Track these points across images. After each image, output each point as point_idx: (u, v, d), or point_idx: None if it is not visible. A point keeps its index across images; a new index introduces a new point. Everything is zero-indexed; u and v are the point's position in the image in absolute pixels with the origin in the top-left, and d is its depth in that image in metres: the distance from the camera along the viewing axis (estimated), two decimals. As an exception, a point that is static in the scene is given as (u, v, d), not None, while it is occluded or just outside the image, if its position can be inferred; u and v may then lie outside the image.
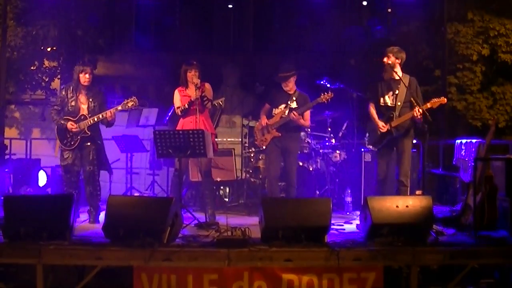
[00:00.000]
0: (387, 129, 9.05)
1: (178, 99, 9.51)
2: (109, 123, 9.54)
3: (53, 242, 7.23)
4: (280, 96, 10.01)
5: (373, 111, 9.32)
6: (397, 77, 9.10)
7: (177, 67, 9.59)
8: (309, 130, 11.30)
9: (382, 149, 9.26)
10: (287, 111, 9.81)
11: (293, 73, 9.90)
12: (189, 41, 16.73)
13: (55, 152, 10.10)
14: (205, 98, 9.24)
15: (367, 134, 9.61)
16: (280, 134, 9.86)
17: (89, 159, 9.42)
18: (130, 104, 9.40)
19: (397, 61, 9.10)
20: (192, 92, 9.26)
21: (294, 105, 9.83)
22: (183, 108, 9.34)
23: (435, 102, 8.87)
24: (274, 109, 10.02)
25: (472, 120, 14.33)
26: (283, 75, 9.89)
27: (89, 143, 9.42)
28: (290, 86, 9.93)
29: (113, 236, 7.32)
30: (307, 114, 9.98)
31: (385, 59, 9.13)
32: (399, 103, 9.10)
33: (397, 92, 9.12)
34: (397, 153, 9.19)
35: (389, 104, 9.17)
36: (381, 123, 9.12)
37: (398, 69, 9.13)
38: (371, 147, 9.62)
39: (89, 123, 9.31)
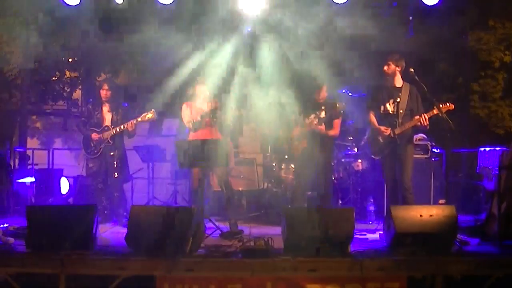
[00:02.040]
0: (391, 136, 9.03)
1: (187, 114, 9.56)
2: (130, 134, 10.09)
3: (76, 252, 7.24)
4: (312, 105, 9.98)
5: (373, 118, 9.34)
6: (398, 85, 9.14)
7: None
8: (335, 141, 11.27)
9: (386, 158, 9.25)
10: (316, 121, 9.77)
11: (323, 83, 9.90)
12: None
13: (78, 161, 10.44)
14: (217, 111, 9.30)
15: (369, 144, 9.53)
16: (306, 145, 9.84)
17: (114, 167, 9.98)
18: (149, 116, 9.86)
19: (397, 69, 9.09)
20: (202, 105, 9.31)
21: (323, 114, 9.78)
22: (195, 121, 9.36)
23: (441, 108, 8.80)
24: (306, 119, 9.97)
25: (495, 128, 14.22)
26: (316, 84, 9.90)
27: (112, 153, 9.98)
28: (323, 95, 9.91)
29: (136, 246, 7.32)
30: (336, 122, 9.90)
31: (385, 68, 9.13)
32: (401, 111, 9.11)
33: (398, 99, 9.14)
34: (399, 161, 9.17)
35: (390, 112, 9.17)
36: (383, 127, 9.12)
37: (398, 77, 9.17)
38: (373, 156, 9.52)
39: (112, 133, 9.95)
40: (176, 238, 7.19)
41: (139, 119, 9.83)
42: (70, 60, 15.02)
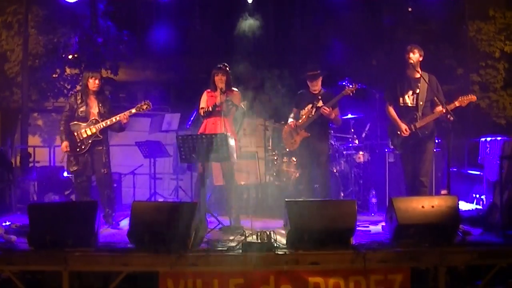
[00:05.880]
0: (412, 131, 8.92)
1: (204, 100, 9.54)
2: (121, 128, 9.57)
3: (79, 249, 7.26)
4: (306, 97, 9.89)
5: (393, 112, 9.14)
6: (417, 75, 8.96)
7: (198, 71, 9.61)
8: (331, 131, 11.23)
9: (407, 153, 9.12)
10: (314, 111, 9.71)
11: (320, 72, 9.81)
12: (209, 44, 16.72)
13: (61, 158, 9.97)
14: (230, 103, 9.24)
15: (389, 137, 9.42)
16: (309, 134, 9.73)
17: (103, 162, 9.45)
18: (144, 107, 9.45)
19: (420, 58, 8.96)
20: (217, 96, 9.26)
21: (320, 104, 9.67)
22: (206, 109, 9.35)
23: (464, 100, 8.72)
24: (301, 111, 9.92)
25: (496, 118, 14.19)
26: (312, 74, 9.77)
27: (100, 147, 9.44)
28: (319, 85, 9.84)
29: (138, 242, 7.32)
30: (336, 111, 9.78)
31: (410, 55, 8.93)
32: (421, 103, 8.93)
33: (418, 91, 8.94)
34: (419, 153, 9.05)
35: (409, 104, 9.00)
36: (404, 126, 8.95)
37: (418, 67, 8.98)
38: (396, 151, 9.41)
39: (102, 126, 9.36)
40: (179, 233, 7.19)
41: (133, 110, 9.37)
42: (70, 57, 15.01)
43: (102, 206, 9.47)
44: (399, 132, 9.02)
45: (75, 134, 9.36)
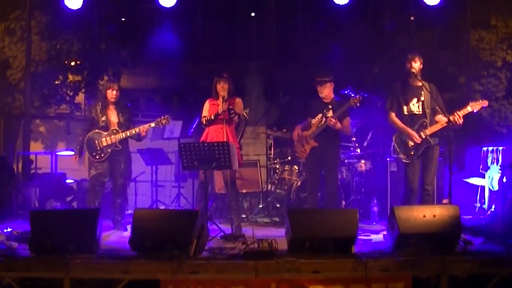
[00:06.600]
0: (423, 138, 8.89)
1: (206, 109, 9.59)
2: (140, 138, 9.83)
3: (80, 255, 7.23)
4: (317, 105, 9.90)
5: (398, 121, 9.11)
6: (419, 83, 8.96)
7: (200, 78, 9.63)
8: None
9: (415, 161, 9.04)
10: (323, 120, 9.70)
11: (330, 78, 9.81)
12: (211, 51, 16.72)
13: (83, 163, 10.14)
14: (232, 111, 9.25)
15: (395, 146, 9.28)
16: (317, 144, 9.73)
17: (121, 172, 9.74)
18: (163, 122, 9.68)
19: (421, 66, 8.97)
20: (220, 103, 9.29)
21: (330, 113, 9.65)
22: (208, 118, 9.38)
23: (475, 105, 8.69)
24: (312, 120, 9.92)
25: (497, 127, 14.19)
26: (320, 79, 9.78)
27: (119, 157, 9.69)
28: (326, 92, 9.79)
29: (140, 249, 7.32)
30: (347, 121, 9.78)
31: (413, 64, 8.96)
32: (427, 110, 8.93)
33: (422, 98, 8.95)
34: (424, 161, 9.05)
35: (415, 112, 8.98)
36: (415, 134, 8.92)
37: (419, 75, 9.00)
38: (404, 160, 9.24)
39: (122, 137, 9.61)
40: (180, 241, 7.19)
41: (153, 124, 9.65)
42: (73, 63, 15.02)
43: (112, 212, 9.89)
44: (408, 140, 9.00)
45: (96, 142, 9.60)
